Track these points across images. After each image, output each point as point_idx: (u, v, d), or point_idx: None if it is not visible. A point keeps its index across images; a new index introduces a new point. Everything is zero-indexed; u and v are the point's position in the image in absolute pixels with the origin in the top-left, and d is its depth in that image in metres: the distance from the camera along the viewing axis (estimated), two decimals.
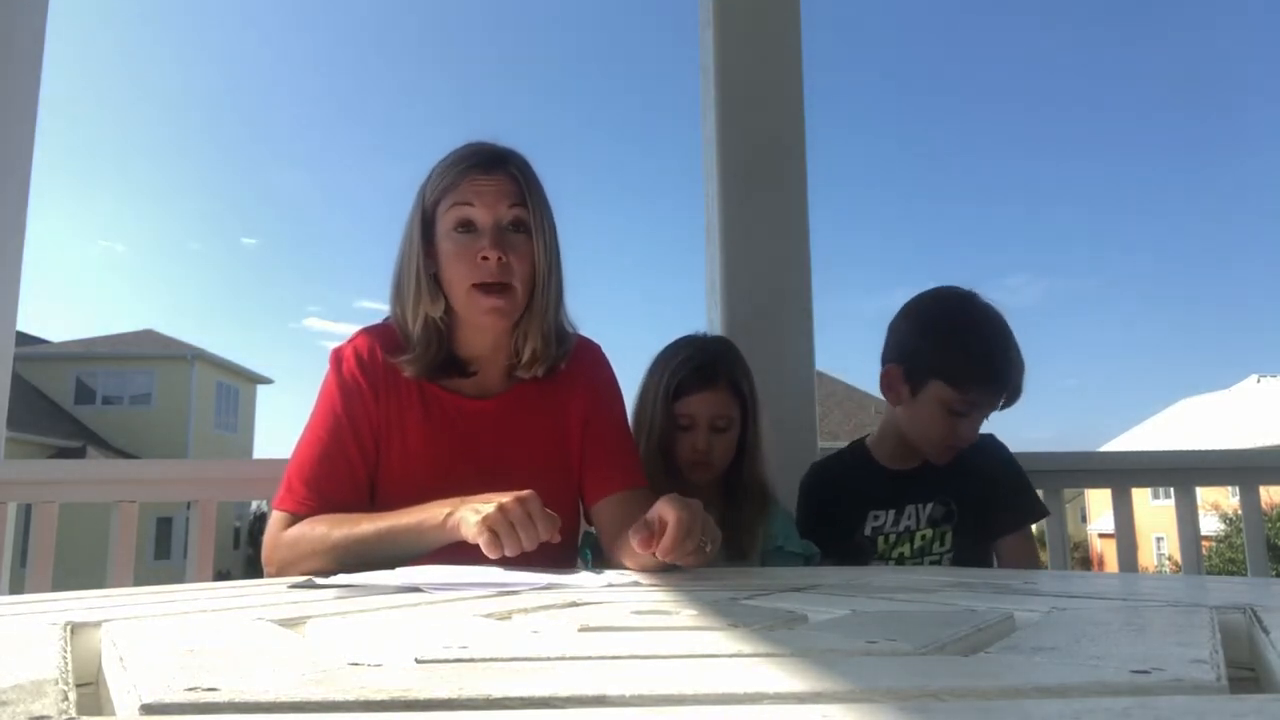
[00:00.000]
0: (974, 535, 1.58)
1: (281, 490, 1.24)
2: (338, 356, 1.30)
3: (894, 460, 1.66)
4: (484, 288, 1.21)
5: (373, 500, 1.26)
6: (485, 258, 1.20)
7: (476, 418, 1.29)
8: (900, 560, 1.59)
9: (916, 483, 1.62)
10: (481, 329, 1.26)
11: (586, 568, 1.23)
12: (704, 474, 1.51)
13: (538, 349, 1.27)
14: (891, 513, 1.62)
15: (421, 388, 1.28)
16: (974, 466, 1.62)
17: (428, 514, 1.09)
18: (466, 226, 1.22)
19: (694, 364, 1.51)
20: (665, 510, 0.96)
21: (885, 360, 1.62)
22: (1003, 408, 1.58)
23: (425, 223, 1.26)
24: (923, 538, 1.59)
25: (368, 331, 1.32)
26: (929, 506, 1.60)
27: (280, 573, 1.16)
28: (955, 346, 1.54)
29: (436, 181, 1.25)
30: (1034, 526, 1.68)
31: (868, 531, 1.62)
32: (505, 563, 0.99)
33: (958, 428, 1.54)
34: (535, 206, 1.24)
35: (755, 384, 1.55)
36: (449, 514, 1.07)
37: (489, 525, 0.99)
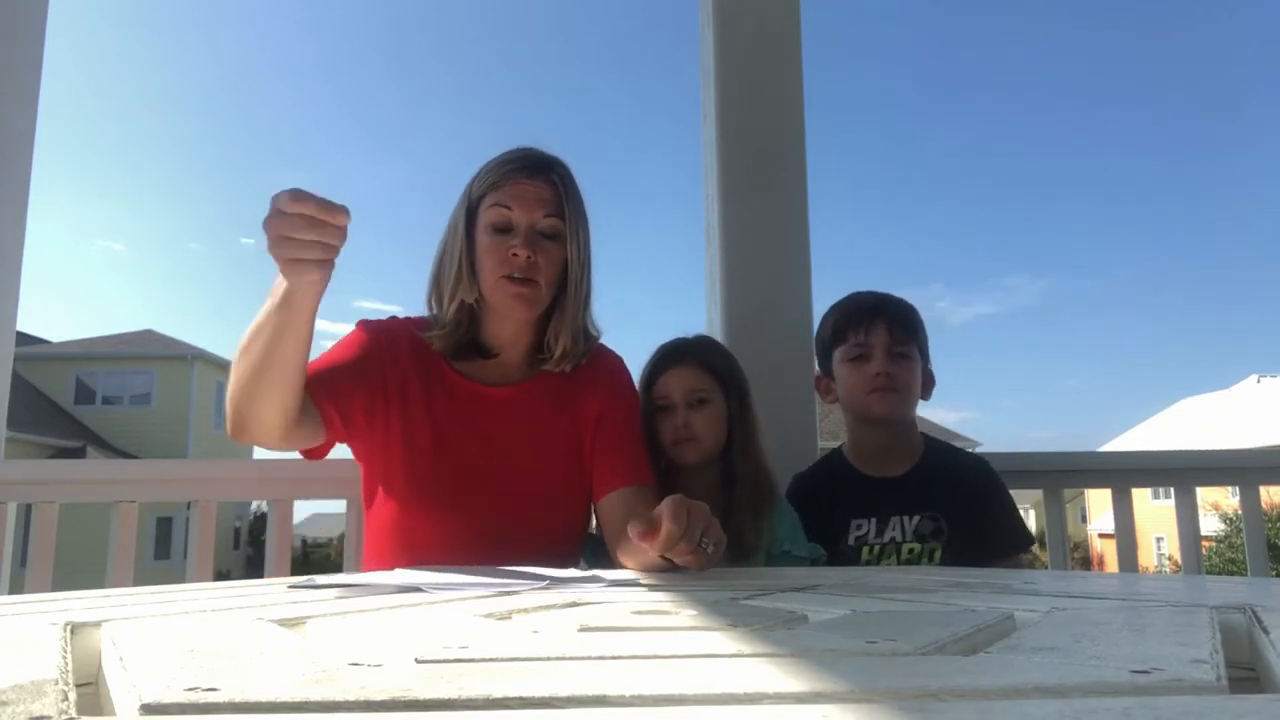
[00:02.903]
0: (967, 557, 1.56)
1: None
2: (365, 320, 1.36)
3: (870, 465, 1.66)
4: (511, 278, 1.28)
5: (385, 478, 1.32)
6: (516, 254, 1.27)
7: (493, 405, 1.34)
8: None
9: (900, 492, 1.61)
10: (507, 316, 1.32)
11: (584, 568, 1.24)
12: (691, 452, 1.49)
13: (568, 347, 1.34)
14: (873, 521, 1.60)
15: (443, 374, 1.33)
16: (961, 481, 1.62)
17: (274, 295, 1.10)
18: (504, 225, 1.29)
19: (663, 350, 1.58)
20: (664, 507, 0.96)
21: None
22: (902, 338, 1.61)
23: (469, 214, 1.33)
24: (910, 551, 1.57)
25: (394, 318, 1.40)
26: (915, 519, 1.58)
27: (231, 408, 1.19)
28: (827, 315, 1.72)
29: (483, 178, 1.33)
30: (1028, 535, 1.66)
31: (850, 541, 1.60)
32: (507, 564, 0.99)
33: (867, 369, 1.61)
34: (571, 215, 1.31)
35: (737, 367, 1.56)
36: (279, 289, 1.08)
37: (279, 255, 1.00)
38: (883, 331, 1.61)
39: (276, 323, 1.08)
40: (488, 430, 1.32)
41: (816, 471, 1.75)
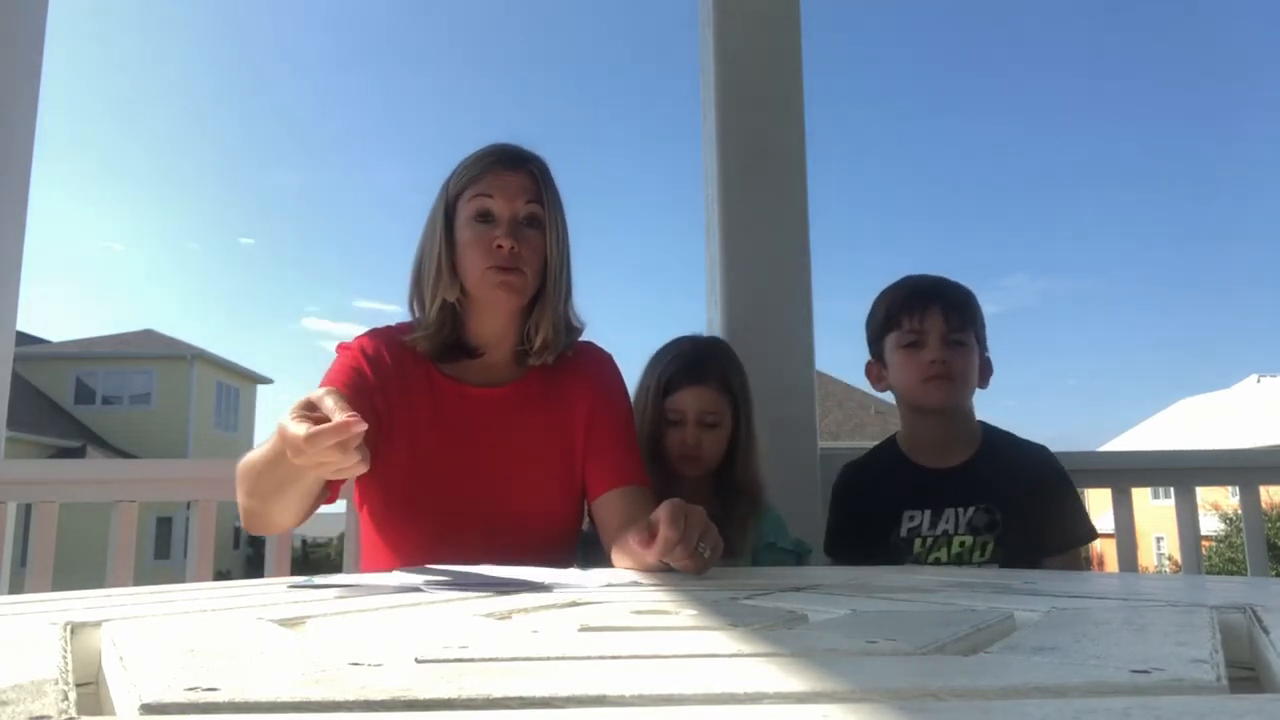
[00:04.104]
0: (1022, 551, 1.49)
1: None
2: (345, 347, 1.35)
3: (926, 456, 1.61)
4: (496, 269, 1.27)
5: (384, 489, 1.30)
6: (500, 245, 1.27)
7: (483, 406, 1.33)
8: (937, 565, 1.52)
9: (956, 484, 1.55)
10: (492, 309, 1.32)
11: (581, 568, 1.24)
12: (693, 468, 1.52)
13: (549, 337, 1.33)
14: (927, 513, 1.55)
15: (430, 378, 1.32)
16: (1020, 472, 1.56)
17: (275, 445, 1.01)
18: (485, 216, 1.29)
19: (685, 360, 1.55)
20: (662, 511, 0.96)
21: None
22: (959, 325, 1.55)
23: (448, 212, 1.33)
24: (961, 544, 1.52)
25: (373, 333, 1.37)
26: (970, 511, 1.52)
27: (244, 513, 1.17)
28: (879, 299, 1.64)
29: (461, 174, 1.33)
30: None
31: (903, 533, 1.56)
32: (501, 565, 0.99)
33: (922, 357, 1.54)
34: (550, 204, 1.32)
35: (748, 384, 1.56)
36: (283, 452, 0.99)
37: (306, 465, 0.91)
38: (938, 317, 1.54)
39: (295, 469, 0.99)
40: (477, 432, 1.31)
41: (869, 462, 1.71)
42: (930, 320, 1.55)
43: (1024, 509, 1.52)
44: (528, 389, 1.35)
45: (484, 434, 1.31)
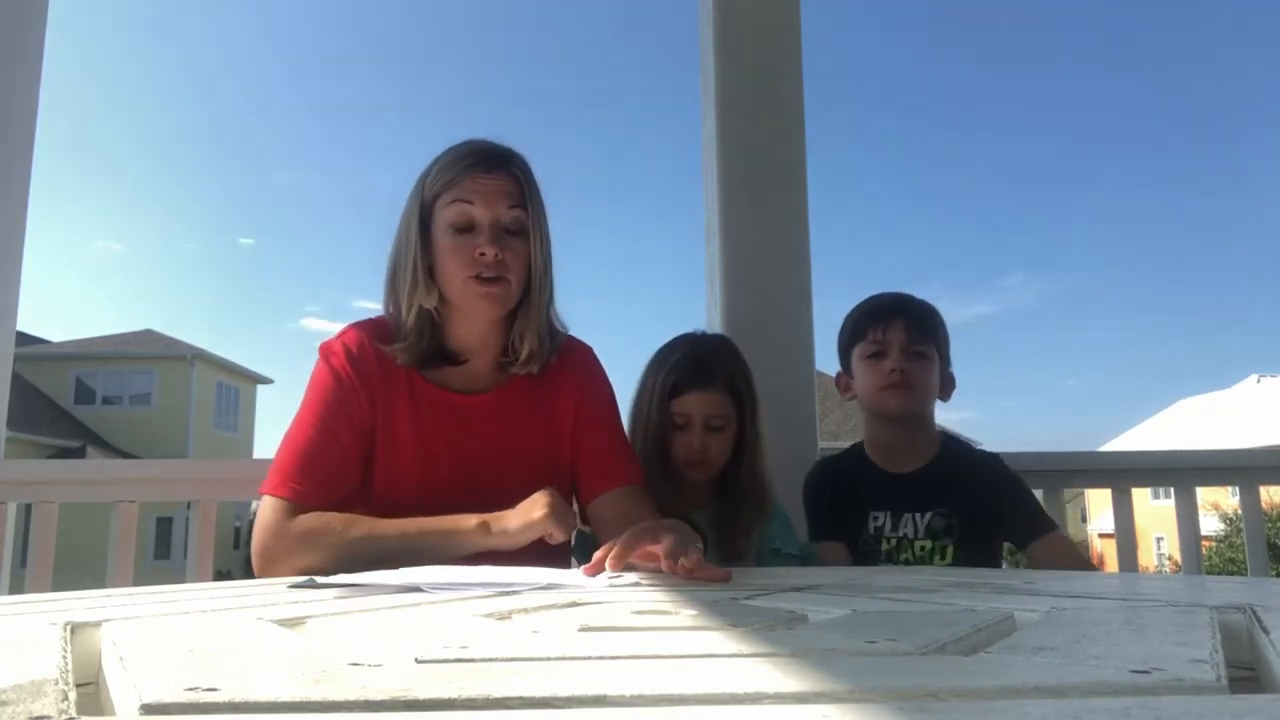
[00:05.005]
0: (981, 555, 1.57)
1: (275, 477, 1.19)
2: (328, 350, 1.29)
3: (885, 461, 1.68)
4: (479, 279, 1.22)
5: (370, 495, 1.25)
6: (483, 253, 1.21)
7: (467, 412, 1.29)
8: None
9: (913, 490, 1.62)
10: (474, 318, 1.27)
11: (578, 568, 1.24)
12: (700, 473, 1.50)
13: (534, 348, 1.28)
14: (888, 515, 1.62)
15: (411, 383, 1.28)
16: (971, 477, 1.63)
17: (458, 521, 1.12)
18: (466, 223, 1.23)
19: (690, 363, 1.51)
20: (634, 529, 0.98)
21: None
22: (919, 338, 1.62)
23: (423, 216, 1.26)
24: (922, 548, 1.59)
25: (358, 326, 1.32)
26: (928, 516, 1.60)
27: (279, 562, 1.13)
28: (848, 315, 1.74)
29: (437, 176, 1.26)
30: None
31: (871, 531, 1.63)
32: (504, 562, 0.99)
33: (883, 366, 1.63)
34: (533, 208, 1.26)
35: (754, 384, 1.54)
36: (483, 521, 1.11)
37: (552, 511, 1.09)
38: (900, 330, 1.63)
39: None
40: (462, 439, 1.27)
41: (839, 462, 1.77)
42: (892, 333, 1.63)
43: (979, 512, 1.59)
44: (512, 394, 1.31)
45: (469, 441, 1.28)
